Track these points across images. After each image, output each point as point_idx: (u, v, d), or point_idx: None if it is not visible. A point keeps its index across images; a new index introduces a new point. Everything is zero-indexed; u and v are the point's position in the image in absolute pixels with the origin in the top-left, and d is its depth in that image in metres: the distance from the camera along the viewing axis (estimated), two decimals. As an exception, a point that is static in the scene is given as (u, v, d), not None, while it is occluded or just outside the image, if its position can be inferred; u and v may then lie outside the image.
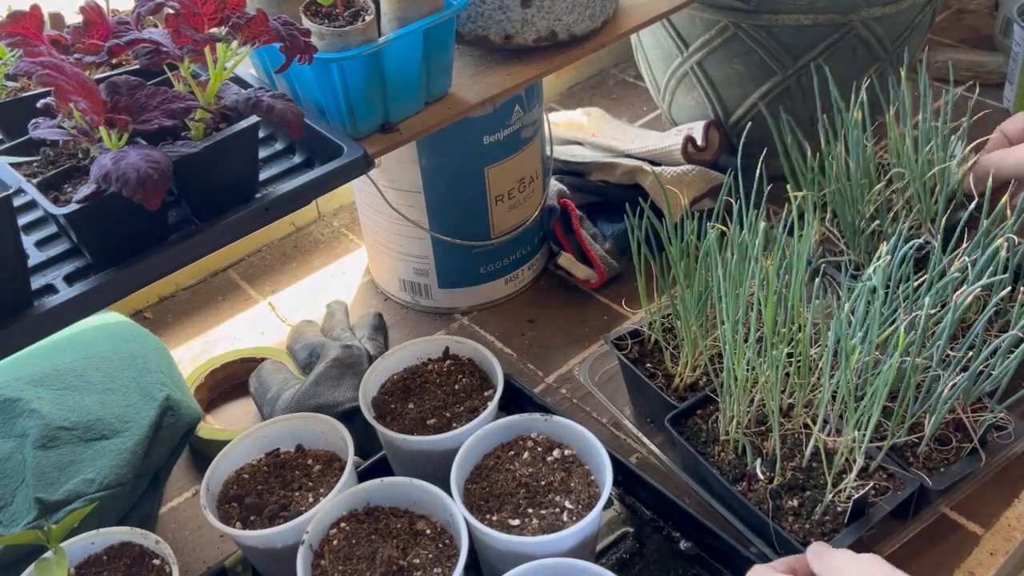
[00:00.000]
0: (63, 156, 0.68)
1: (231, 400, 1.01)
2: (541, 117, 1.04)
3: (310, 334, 1.01)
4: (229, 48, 0.68)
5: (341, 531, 0.72)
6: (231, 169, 0.68)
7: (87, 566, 0.72)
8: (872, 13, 1.06)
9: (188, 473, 0.93)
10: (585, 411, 0.95)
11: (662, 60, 1.21)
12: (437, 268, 1.04)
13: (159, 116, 0.63)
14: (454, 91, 0.85)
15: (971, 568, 0.78)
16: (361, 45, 0.75)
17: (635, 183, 1.10)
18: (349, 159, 0.73)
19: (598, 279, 1.08)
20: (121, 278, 0.64)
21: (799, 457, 0.78)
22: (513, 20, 0.87)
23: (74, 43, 0.68)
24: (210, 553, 0.85)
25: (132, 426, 0.79)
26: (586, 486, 0.74)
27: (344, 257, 1.18)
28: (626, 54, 1.54)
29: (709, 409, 0.83)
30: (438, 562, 0.70)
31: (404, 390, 0.84)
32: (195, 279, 1.16)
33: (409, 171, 0.97)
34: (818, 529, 0.73)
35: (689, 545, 0.79)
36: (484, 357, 0.85)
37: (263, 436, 0.80)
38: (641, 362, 0.89)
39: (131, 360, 0.85)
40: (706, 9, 1.09)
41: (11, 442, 0.77)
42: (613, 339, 0.90)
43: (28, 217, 0.71)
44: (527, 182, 1.03)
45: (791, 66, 1.10)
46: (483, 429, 0.77)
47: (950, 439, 0.79)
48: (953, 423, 0.79)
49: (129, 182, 0.58)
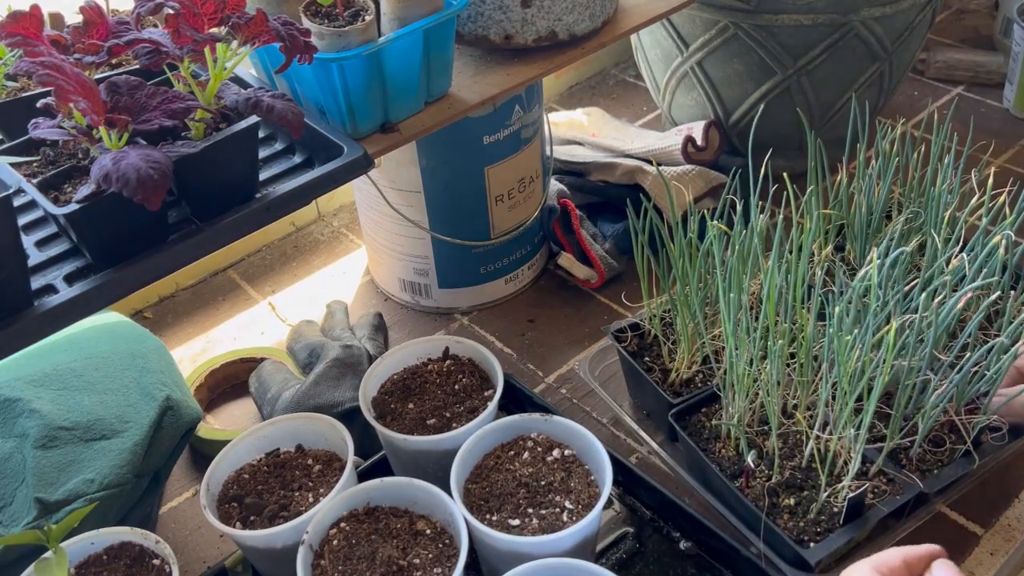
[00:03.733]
0: (63, 156, 0.68)
1: (231, 400, 1.01)
2: (541, 117, 1.04)
3: (310, 334, 1.01)
4: (229, 48, 0.68)
5: (341, 531, 0.72)
6: (231, 169, 0.68)
7: (87, 566, 0.72)
8: (872, 13, 1.06)
9: (188, 473, 0.93)
10: (585, 411, 0.95)
11: (662, 60, 1.21)
12: (437, 268, 1.04)
13: (159, 116, 0.63)
14: (454, 91, 0.85)
15: (971, 568, 0.78)
16: (361, 45, 0.75)
17: (635, 183, 1.10)
18: (349, 159, 0.73)
19: (598, 279, 1.08)
20: (121, 278, 0.64)
21: (799, 457, 0.78)
22: (513, 20, 0.87)
23: (74, 43, 0.68)
24: (210, 553, 0.85)
25: (132, 426, 0.79)
26: (586, 486, 0.74)
27: (344, 257, 1.18)
28: (626, 54, 1.54)
29: (713, 407, 0.84)
30: (438, 562, 0.70)
31: (404, 390, 0.84)
32: (195, 279, 1.16)
33: (409, 171, 0.97)
34: (812, 528, 0.73)
35: (689, 545, 0.79)
36: (484, 357, 0.85)
37: (263, 436, 0.80)
38: (640, 356, 0.89)
39: (131, 360, 0.85)
40: (706, 9, 1.09)
41: (11, 442, 0.77)
42: (613, 331, 0.90)
43: (28, 217, 0.71)
44: (527, 182, 1.03)
45: (791, 66, 1.10)
46: (483, 429, 0.77)
47: (944, 440, 0.79)
48: (947, 425, 0.79)
49: (129, 182, 0.58)
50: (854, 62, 1.11)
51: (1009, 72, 1.34)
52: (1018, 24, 1.28)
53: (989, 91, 1.39)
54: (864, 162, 0.93)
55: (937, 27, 1.56)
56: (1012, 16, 1.31)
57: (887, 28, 1.09)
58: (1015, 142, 1.28)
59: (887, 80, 1.15)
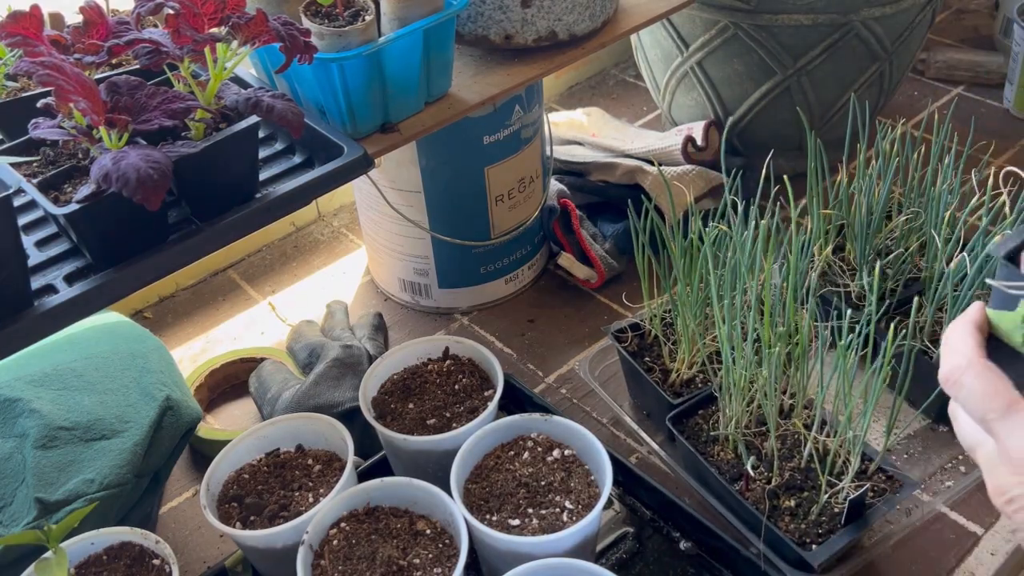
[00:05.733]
0: (63, 156, 0.68)
1: (231, 400, 1.01)
2: (541, 117, 1.04)
3: (310, 334, 1.01)
4: (229, 48, 0.68)
5: (341, 531, 0.72)
6: (231, 169, 0.68)
7: (87, 566, 0.72)
8: (872, 13, 1.06)
9: (188, 473, 0.93)
10: (585, 411, 0.95)
11: (662, 60, 1.21)
12: (437, 268, 1.04)
13: (159, 116, 0.63)
14: (454, 91, 0.85)
15: (971, 568, 0.78)
16: (361, 45, 0.75)
17: (635, 183, 1.10)
18: (349, 159, 0.73)
19: (598, 279, 1.08)
20: (121, 278, 0.64)
21: (798, 458, 0.78)
22: (513, 20, 0.87)
23: (74, 43, 0.68)
24: (210, 553, 0.85)
25: (132, 426, 0.79)
26: (586, 486, 0.74)
27: (344, 257, 1.18)
28: (626, 54, 1.54)
29: (711, 409, 0.83)
30: (438, 562, 0.70)
31: (404, 390, 0.84)
32: (195, 279, 1.16)
33: (409, 171, 0.97)
34: (814, 529, 0.73)
35: (689, 545, 0.79)
36: (484, 357, 0.85)
37: (263, 436, 0.80)
38: (640, 356, 0.89)
39: (131, 360, 0.85)
40: (706, 9, 1.09)
41: (11, 442, 0.77)
42: (614, 331, 0.90)
43: (28, 217, 0.71)
44: (527, 182, 1.03)
45: (791, 66, 1.10)
46: (483, 429, 0.77)
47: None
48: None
49: (129, 182, 0.58)
50: (854, 62, 1.10)
51: (1009, 72, 1.33)
52: (1018, 24, 1.28)
53: (989, 91, 1.39)
54: (864, 162, 0.93)
55: (937, 27, 1.56)
56: (1012, 16, 1.31)
57: (887, 28, 1.09)
58: (1015, 142, 1.28)
59: (887, 80, 1.15)
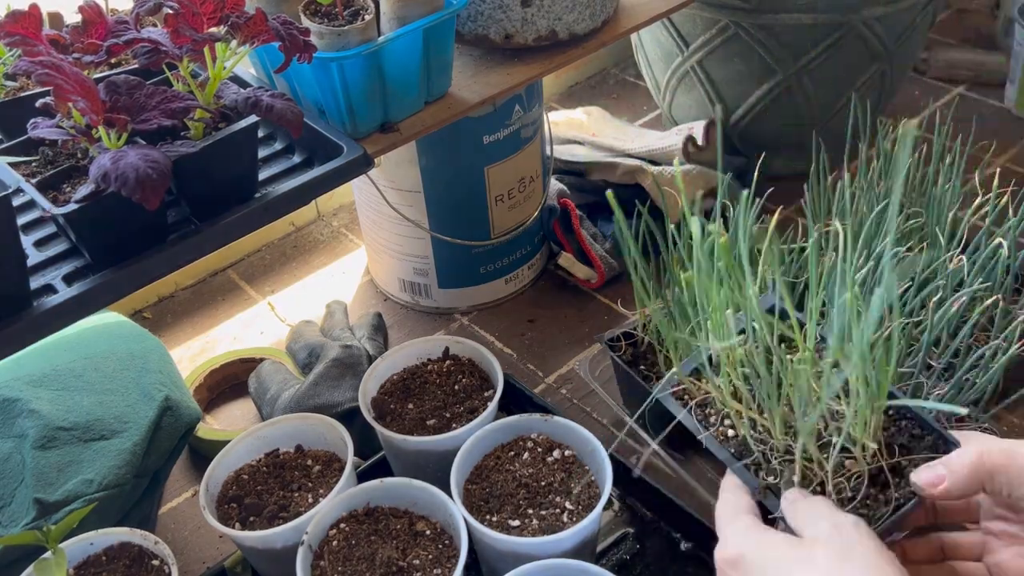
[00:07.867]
0: (62, 156, 0.68)
1: (231, 400, 1.01)
2: (541, 117, 1.04)
3: (310, 334, 1.01)
4: (228, 47, 0.68)
5: (341, 532, 0.72)
6: (230, 169, 0.68)
7: (86, 566, 0.72)
8: (873, 12, 1.06)
9: (188, 473, 0.93)
10: (585, 411, 0.95)
11: (662, 59, 1.20)
12: (437, 268, 1.04)
13: (158, 116, 0.63)
14: (454, 91, 0.85)
15: (972, 569, 0.78)
16: (361, 44, 0.74)
17: (636, 183, 1.10)
18: (349, 159, 0.73)
19: (598, 279, 1.08)
20: (120, 278, 0.64)
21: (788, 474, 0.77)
22: (513, 19, 0.87)
23: (73, 43, 0.67)
24: (210, 553, 0.85)
25: (131, 426, 0.79)
26: (586, 487, 0.74)
27: (344, 257, 1.18)
28: (626, 54, 1.53)
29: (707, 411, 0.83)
30: (438, 563, 0.70)
31: (404, 390, 0.84)
32: (195, 279, 1.16)
33: (409, 171, 0.97)
34: None
35: (689, 546, 0.79)
36: (484, 357, 0.85)
37: (262, 436, 0.80)
38: (635, 364, 0.88)
39: (130, 360, 0.84)
40: (706, 8, 1.09)
41: (10, 442, 0.77)
42: (607, 339, 0.89)
43: (27, 217, 0.70)
44: (527, 182, 1.03)
45: (792, 65, 1.10)
46: (483, 429, 0.77)
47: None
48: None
49: (128, 182, 0.58)
50: (855, 61, 1.10)
51: (1010, 72, 1.33)
52: (1019, 24, 1.28)
53: (990, 91, 1.39)
54: (865, 162, 0.93)
55: (938, 27, 1.56)
56: (1013, 16, 1.31)
57: (888, 27, 1.08)
58: (1016, 142, 1.28)
59: (888, 80, 1.15)
